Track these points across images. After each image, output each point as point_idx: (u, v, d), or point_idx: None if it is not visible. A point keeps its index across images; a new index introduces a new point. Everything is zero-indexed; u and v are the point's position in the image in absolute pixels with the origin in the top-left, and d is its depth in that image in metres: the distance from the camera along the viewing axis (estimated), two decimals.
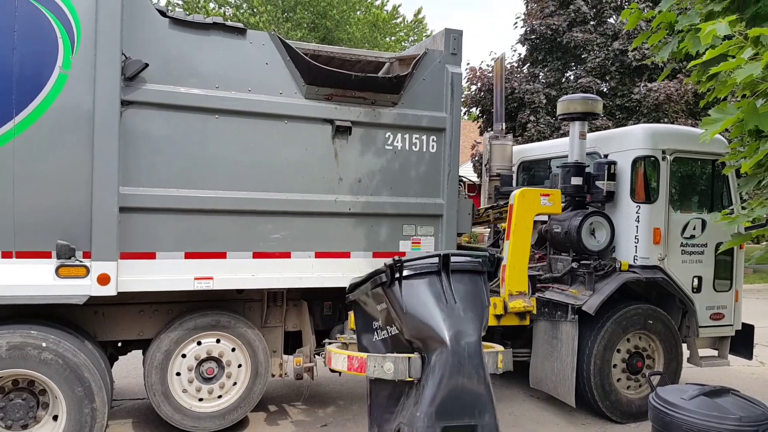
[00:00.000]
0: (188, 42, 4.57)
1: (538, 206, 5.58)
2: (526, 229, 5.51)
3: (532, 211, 5.56)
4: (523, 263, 5.48)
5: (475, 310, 3.37)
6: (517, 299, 5.39)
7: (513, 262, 5.46)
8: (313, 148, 5.01)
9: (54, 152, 4.18)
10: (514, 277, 5.45)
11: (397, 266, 3.25)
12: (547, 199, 5.59)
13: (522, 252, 5.49)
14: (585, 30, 15.31)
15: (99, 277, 4.23)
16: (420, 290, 3.27)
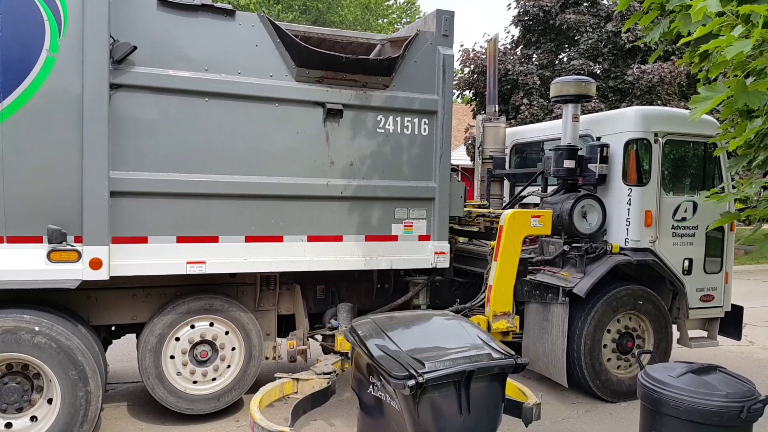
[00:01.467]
0: (177, 24, 4.52)
1: (528, 228, 5.65)
2: (515, 251, 5.59)
3: (521, 234, 5.63)
4: (509, 285, 5.60)
5: (488, 418, 3.35)
6: (500, 320, 5.55)
7: (499, 285, 5.56)
8: (304, 132, 5.00)
9: (43, 136, 4.15)
10: (499, 299, 5.56)
11: (421, 385, 3.05)
12: (537, 221, 5.64)
13: (509, 274, 5.58)
14: (578, 11, 15.22)
15: (91, 262, 4.23)
16: (435, 402, 3.15)
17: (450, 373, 3.13)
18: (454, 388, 3.19)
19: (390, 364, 3.22)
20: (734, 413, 3.27)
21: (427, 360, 3.17)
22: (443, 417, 3.18)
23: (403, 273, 5.97)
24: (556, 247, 5.98)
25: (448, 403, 3.19)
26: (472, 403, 3.23)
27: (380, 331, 3.54)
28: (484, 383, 3.31)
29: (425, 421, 3.15)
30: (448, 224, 5.62)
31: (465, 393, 3.21)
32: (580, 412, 5.52)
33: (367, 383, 3.49)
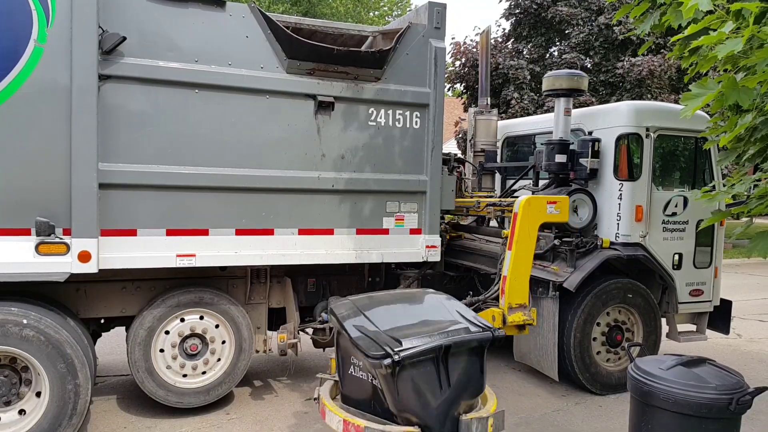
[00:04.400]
0: (166, 14, 4.48)
1: (544, 215, 5.22)
2: (531, 239, 5.15)
3: (537, 221, 5.20)
4: (525, 275, 5.16)
5: (468, 390, 3.35)
6: (516, 312, 5.09)
7: (515, 274, 5.08)
8: (295, 124, 4.97)
9: (31, 128, 4.10)
10: (514, 289, 5.07)
11: (398, 363, 3.07)
12: (553, 207, 5.25)
13: (525, 263, 5.12)
14: (570, 4, 15.22)
15: (80, 255, 4.19)
16: (414, 379, 3.16)
17: (426, 349, 3.14)
18: (432, 364, 3.19)
19: (367, 344, 3.22)
20: (723, 405, 3.30)
21: (405, 338, 3.18)
22: (424, 393, 3.18)
23: (395, 266, 5.97)
24: (546, 241, 5.98)
25: (427, 380, 3.19)
26: (452, 377, 3.24)
27: (359, 311, 3.55)
28: (463, 357, 3.31)
29: (407, 398, 3.16)
30: (439, 218, 5.62)
31: (444, 368, 3.21)
32: (570, 404, 5.55)
33: (349, 363, 3.48)
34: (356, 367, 3.43)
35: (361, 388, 3.42)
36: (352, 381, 3.49)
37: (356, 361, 3.42)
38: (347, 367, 3.51)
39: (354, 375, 3.45)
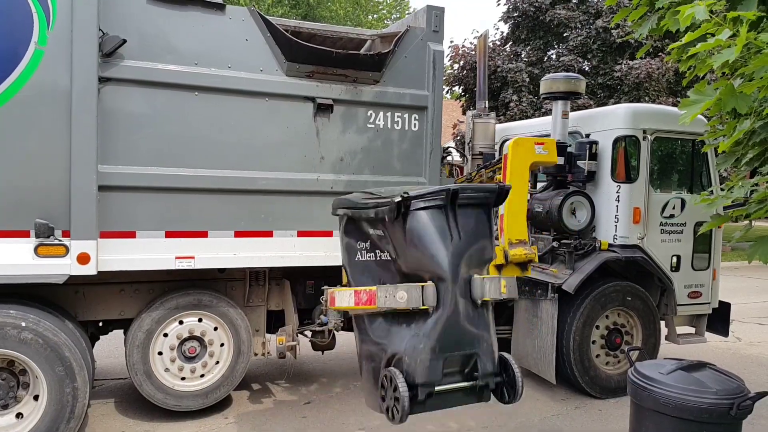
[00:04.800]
0: (166, 17, 4.48)
1: (533, 155, 5.35)
2: (523, 177, 5.26)
3: (527, 160, 5.31)
4: (521, 212, 5.23)
5: (480, 245, 3.35)
6: (517, 247, 5.09)
7: (511, 211, 5.15)
8: (294, 126, 4.97)
9: (31, 130, 4.10)
10: (513, 225, 5.13)
11: (407, 203, 3.15)
12: (541, 148, 5.38)
13: (520, 200, 5.19)
14: (568, 7, 15.27)
15: (79, 256, 4.18)
16: (425, 224, 3.20)
17: (434, 191, 3.22)
18: (441, 212, 3.21)
19: (375, 199, 3.31)
20: (724, 410, 3.30)
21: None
22: (434, 241, 3.18)
23: None
24: (545, 243, 6.00)
25: (437, 226, 3.20)
26: (461, 227, 3.25)
27: (368, 192, 3.63)
28: (472, 211, 3.33)
29: (417, 248, 3.18)
30: None
31: (453, 216, 3.23)
32: (570, 408, 5.55)
33: (355, 251, 3.52)
34: (363, 251, 3.46)
35: (367, 271, 3.45)
36: (358, 267, 3.50)
37: (362, 245, 3.45)
38: (353, 255, 3.53)
39: (361, 260, 3.46)
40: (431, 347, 3.16)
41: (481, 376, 3.30)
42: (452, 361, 3.25)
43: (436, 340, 3.17)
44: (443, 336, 3.18)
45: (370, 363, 3.47)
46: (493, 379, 3.35)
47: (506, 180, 5.22)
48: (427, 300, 3.17)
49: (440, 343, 3.18)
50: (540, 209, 6.05)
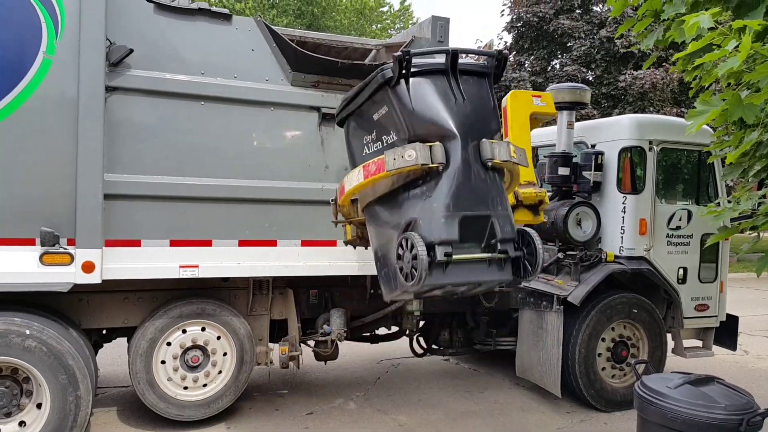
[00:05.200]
0: (173, 27, 4.51)
1: (531, 106, 5.27)
2: (523, 126, 5.15)
3: (526, 111, 5.23)
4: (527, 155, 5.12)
5: (484, 109, 3.33)
6: (527, 188, 4.94)
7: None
8: (299, 136, 4.99)
9: (38, 138, 4.12)
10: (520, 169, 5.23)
11: (406, 59, 3.11)
12: (539, 100, 5.33)
13: (524, 147, 5.00)
14: (571, 18, 15.31)
15: (83, 265, 4.19)
16: (427, 88, 3.19)
17: (434, 50, 3.40)
18: (442, 76, 3.22)
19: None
20: (733, 426, 3.25)
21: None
22: (439, 102, 3.18)
23: None
24: (550, 254, 5.97)
25: (440, 90, 3.21)
26: (465, 93, 3.23)
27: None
28: (473, 80, 3.33)
29: (422, 107, 3.17)
30: None
31: (455, 81, 3.23)
32: (575, 421, 5.50)
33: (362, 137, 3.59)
34: (369, 144, 3.49)
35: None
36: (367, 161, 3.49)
37: (368, 138, 3.49)
38: (360, 151, 3.59)
39: (368, 153, 3.49)
40: (445, 204, 3.10)
41: (500, 241, 3.20)
42: (468, 226, 3.14)
43: (449, 197, 3.10)
44: (456, 194, 3.11)
45: (386, 249, 3.37)
46: (512, 248, 3.25)
47: (507, 132, 5.11)
48: (436, 157, 3.08)
49: (453, 200, 3.10)
50: (545, 219, 6.01)
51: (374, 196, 3.46)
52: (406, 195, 3.27)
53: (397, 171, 3.14)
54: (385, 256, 3.44)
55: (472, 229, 3.16)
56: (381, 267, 3.53)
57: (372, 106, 3.46)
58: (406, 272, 3.09)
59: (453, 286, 3.22)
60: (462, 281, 3.20)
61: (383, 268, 3.49)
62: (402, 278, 3.16)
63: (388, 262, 3.39)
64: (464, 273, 3.17)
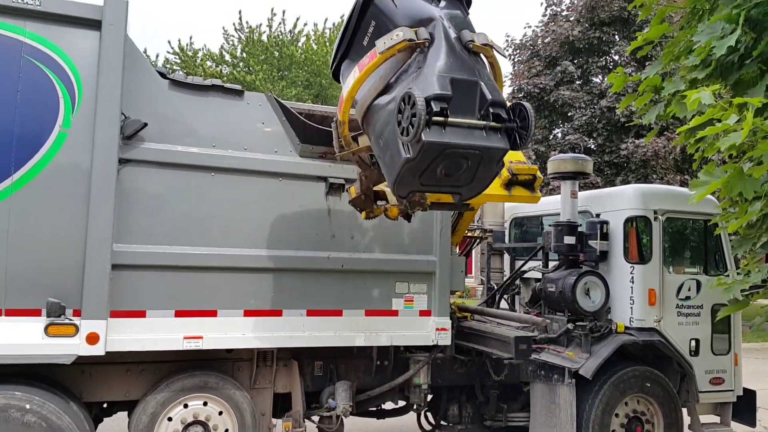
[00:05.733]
0: (187, 102, 4.65)
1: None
2: None
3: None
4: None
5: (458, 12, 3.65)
6: (519, 164, 5.12)
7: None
8: (306, 205, 5.03)
9: (50, 209, 4.17)
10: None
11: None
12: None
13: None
14: (572, 88, 15.73)
15: (88, 336, 4.14)
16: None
17: None
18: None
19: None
20: None
21: None
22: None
23: (404, 349, 5.84)
24: (560, 324, 5.88)
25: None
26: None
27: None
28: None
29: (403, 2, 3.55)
30: (449, 299, 5.56)
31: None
32: None
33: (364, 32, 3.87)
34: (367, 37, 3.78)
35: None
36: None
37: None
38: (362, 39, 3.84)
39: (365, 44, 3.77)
40: (436, 69, 3.32)
41: (491, 104, 3.37)
42: (459, 90, 3.31)
43: (439, 64, 3.33)
44: (444, 62, 3.34)
45: (386, 130, 3.53)
46: (504, 113, 3.42)
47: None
48: (421, 34, 3.41)
49: (443, 67, 3.32)
50: (553, 289, 5.97)
51: (372, 95, 3.68)
52: (399, 81, 3.53)
53: (389, 51, 3.43)
54: (386, 141, 3.58)
55: (463, 95, 3.34)
56: (383, 153, 3.67)
57: (360, 34, 3.83)
58: (404, 126, 3.24)
59: (452, 148, 3.32)
60: (460, 143, 3.32)
61: (386, 152, 3.63)
62: (402, 138, 3.28)
63: (389, 142, 3.54)
64: (462, 136, 3.33)
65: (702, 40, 3.31)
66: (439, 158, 3.35)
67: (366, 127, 3.87)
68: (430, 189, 3.75)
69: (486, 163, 3.54)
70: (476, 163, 3.49)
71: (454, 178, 3.55)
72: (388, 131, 3.53)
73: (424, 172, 3.45)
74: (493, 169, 3.65)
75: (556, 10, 17.06)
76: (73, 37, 4.32)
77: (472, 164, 3.50)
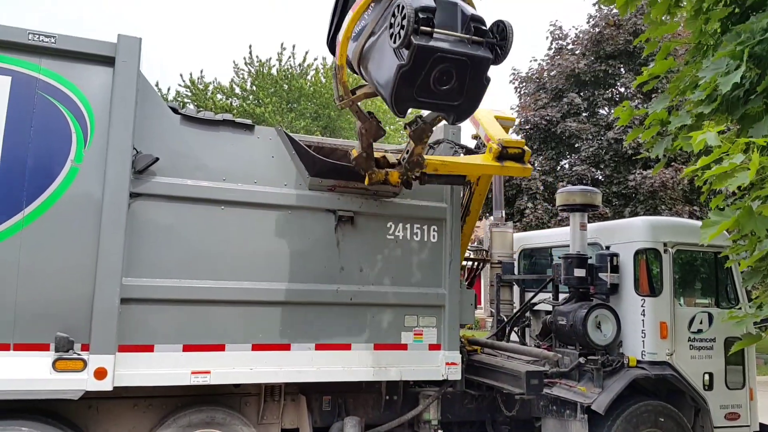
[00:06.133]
0: (198, 137, 4.71)
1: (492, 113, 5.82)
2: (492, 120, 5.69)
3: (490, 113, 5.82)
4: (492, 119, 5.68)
5: None
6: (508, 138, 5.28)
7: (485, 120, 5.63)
8: (315, 238, 5.04)
9: (60, 243, 4.20)
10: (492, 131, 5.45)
11: None
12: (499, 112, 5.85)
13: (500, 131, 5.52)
14: (578, 120, 15.80)
15: (96, 371, 4.13)
16: None
17: None
18: None
19: None
20: None
21: None
22: None
23: (413, 384, 5.77)
24: (571, 358, 5.81)
25: None
26: None
27: None
28: None
29: None
30: (458, 333, 5.51)
31: None
32: None
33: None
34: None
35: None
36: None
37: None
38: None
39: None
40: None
41: (471, 19, 3.71)
42: (442, 7, 3.63)
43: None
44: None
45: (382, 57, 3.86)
46: (484, 26, 3.74)
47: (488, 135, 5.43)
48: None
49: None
50: (563, 322, 5.92)
51: (364, 39, 3.99)
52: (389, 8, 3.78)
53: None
54: (379, 63, 3.92)
55: (445, 13, 3.66)
56: (379, 74, 3.95)
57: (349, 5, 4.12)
58: (396, 32, 3.52)
59: (442, 53, 3.60)
60: (449, 48, 3.63)
61: (381, 73, 3.91)
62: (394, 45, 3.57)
63: (382, 62, 3.88)
64: (448, 43, 3.66)
65: (707, 75, 3.34)
66: (431, 65, 3.63)
67: (363, 70, 4.19)
68: (427, 104, 4.01)
69: (474, 76, 3.80)
70: (464, 74, 3.76)
71: (447, 92, 3.81)
72: (381, 54, 3.90)
73: (418, 83, 3.72)
74: (481, 83, 3.88)
75: (562, 44, 17.23)
76: (87, 74, 4.41)
77: (461, 75, 3.76)
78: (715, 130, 2.84)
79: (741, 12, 3.71)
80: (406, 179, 4.79)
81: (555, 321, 6.07)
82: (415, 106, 3.98)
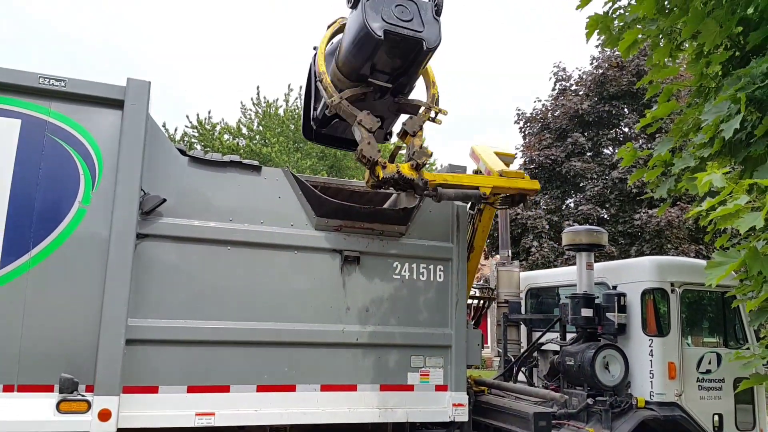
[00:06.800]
0: (205, 178, 4.78)
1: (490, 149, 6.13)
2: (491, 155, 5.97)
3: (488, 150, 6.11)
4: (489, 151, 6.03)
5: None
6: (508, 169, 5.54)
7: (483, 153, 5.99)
8: (321, 278, 5.06)
9: (66, 284, 4.22)
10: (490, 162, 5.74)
11: None
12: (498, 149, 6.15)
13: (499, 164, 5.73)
14: (583, 160, 15.90)
15: (100, 413, 4.10)
16: None
17: None
18: None
19: None
20: None
21: None
22: None
23: (420, 425, 5.68)
24: (579, 399, 5.71)
25: None
26: None
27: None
28: None
29: None
30: (465, 374, 5.45)
31: None
32: None
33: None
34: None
35: None
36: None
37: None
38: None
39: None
40: None
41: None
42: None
43: None
44: None
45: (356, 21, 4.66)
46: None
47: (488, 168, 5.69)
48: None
49: None
50: (571, 362, 5.85)
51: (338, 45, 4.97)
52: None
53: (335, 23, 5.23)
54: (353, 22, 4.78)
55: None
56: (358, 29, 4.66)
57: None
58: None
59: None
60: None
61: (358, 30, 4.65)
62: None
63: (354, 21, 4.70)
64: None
65: (709, 119, 3.39)
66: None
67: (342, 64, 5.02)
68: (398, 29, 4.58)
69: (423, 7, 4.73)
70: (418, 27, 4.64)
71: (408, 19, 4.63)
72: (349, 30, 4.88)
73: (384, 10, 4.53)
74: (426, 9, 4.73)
75: (566, 85, 17.50)
76: (96, 116, 4.49)
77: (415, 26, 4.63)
78: (720, 171, 2.87)
79: (741, 56, 3.79)
80: (416, 166, 5.01)
81: (563, 361, 6.00)
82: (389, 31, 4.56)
